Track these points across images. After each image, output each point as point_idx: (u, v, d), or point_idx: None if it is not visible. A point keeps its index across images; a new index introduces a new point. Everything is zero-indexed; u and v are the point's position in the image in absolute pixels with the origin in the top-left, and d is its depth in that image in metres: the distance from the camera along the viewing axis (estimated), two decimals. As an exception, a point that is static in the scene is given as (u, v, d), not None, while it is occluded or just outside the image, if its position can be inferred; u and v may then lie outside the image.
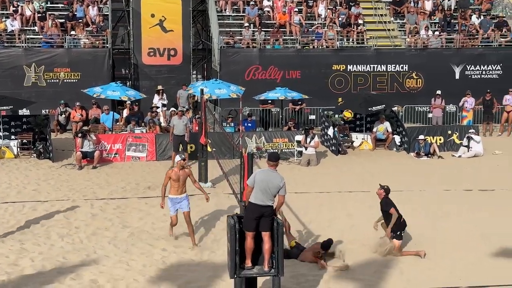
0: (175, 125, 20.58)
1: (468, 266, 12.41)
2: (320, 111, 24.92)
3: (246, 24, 27.35)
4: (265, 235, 9.68)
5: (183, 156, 13.45)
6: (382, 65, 27.45)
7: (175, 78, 27.63)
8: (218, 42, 26.71)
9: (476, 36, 28.27)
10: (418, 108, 26.95)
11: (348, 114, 23.54)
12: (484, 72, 27.89)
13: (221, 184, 18.08)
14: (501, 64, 27.81)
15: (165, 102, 25.65)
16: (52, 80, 26.01)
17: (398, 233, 12.92)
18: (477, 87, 26.75)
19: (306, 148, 21.32)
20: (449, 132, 23.67)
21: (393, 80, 27.49)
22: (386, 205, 12.99)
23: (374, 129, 23.70)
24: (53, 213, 15.35)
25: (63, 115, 25.14)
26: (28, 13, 27.24)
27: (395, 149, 23.40)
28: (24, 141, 21.81)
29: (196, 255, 12.83)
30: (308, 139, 21.28)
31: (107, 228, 14.42)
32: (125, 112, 24.48)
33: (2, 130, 21.83)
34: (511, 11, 31.58)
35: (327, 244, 12.59)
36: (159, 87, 26.09)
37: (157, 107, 24.53)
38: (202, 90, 19.35)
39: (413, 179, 19.17)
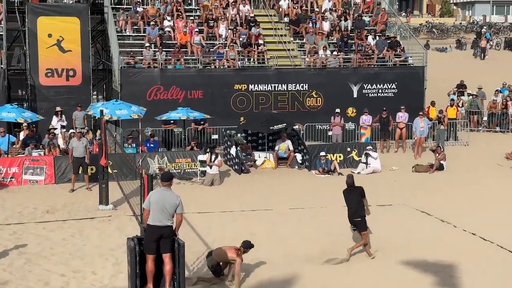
0: (75, 147, 20.17)
1: (365, 278, 12.71)
2: (223, 130, 25.01)
3: (147, 44, 27.15)
4: (166, 257, 9.61)
5: None
6: (283, 84, 27.84)
7: (74, 99, 26.96)
8: (118, 62, 26.36)
9: (372, 56, 29.21)
10: (318, 126, 27.43)
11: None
12: (380, 91, 28.76)
13: (122, 206, 17.79)
14: (395, 83, 28.73)
15: (64, 123, 25.02)
16: None
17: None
18: (374, 105, 27.56)
19: (210, 167, 21.29)
20: (348, 149, 24.26)
21: (294, 99, 27.92)
22: None
23: (276, 148, 24.01)
24: None
25: (-45, 139, 24.05)
26: None
27: (296, 167, 23.75)
28: None
29: (97, 279, 12.54)
30: (212, 157, 21.29)
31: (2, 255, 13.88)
32: (22, 135, 23.73)
33: None
34: (405, 32, 32.77)
35: (249, 243, 12.41)
36: (58, 108, 25.43)
37: (55, 129, 23.92)
38: (102, 111, 19.04)
39: (313, 196, 19.48)
